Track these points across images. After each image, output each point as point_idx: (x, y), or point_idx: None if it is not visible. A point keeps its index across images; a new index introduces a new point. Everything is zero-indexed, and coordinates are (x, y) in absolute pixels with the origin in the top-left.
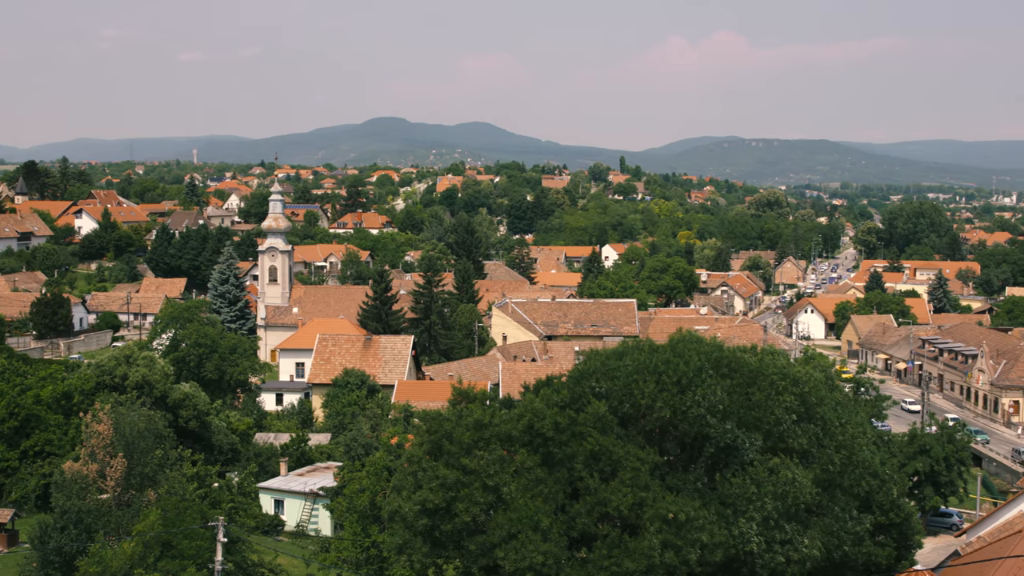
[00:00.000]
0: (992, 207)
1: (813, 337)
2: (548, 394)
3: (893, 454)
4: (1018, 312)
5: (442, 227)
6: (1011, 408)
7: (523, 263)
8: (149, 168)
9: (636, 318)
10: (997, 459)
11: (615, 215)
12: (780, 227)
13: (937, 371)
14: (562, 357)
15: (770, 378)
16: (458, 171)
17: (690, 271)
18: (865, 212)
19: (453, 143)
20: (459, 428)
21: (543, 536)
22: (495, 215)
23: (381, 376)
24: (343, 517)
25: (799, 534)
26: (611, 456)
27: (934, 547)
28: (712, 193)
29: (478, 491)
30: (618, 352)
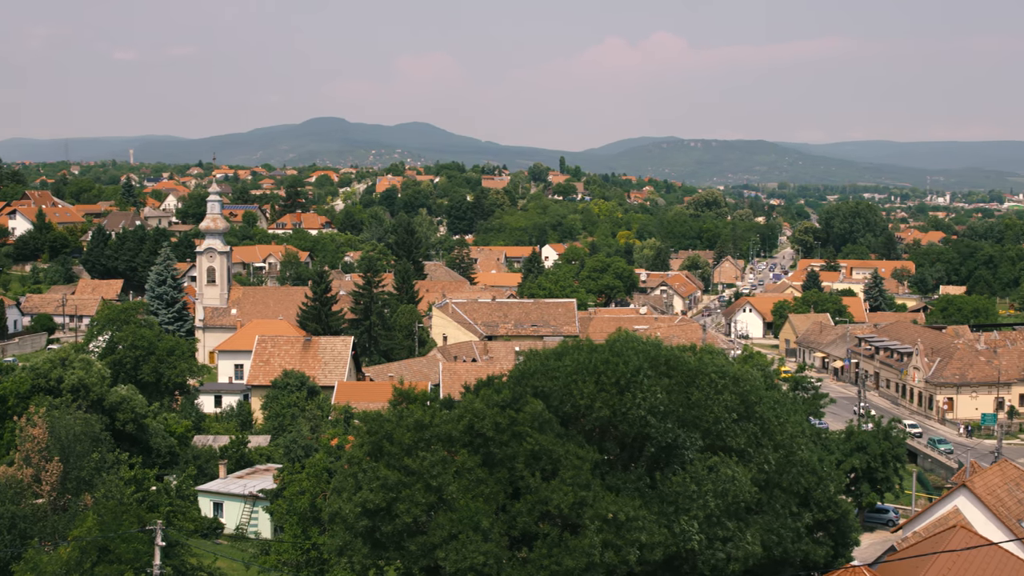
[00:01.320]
0: (926, 207)
1: (751, 336)
2: (488, 394)
3: (831, 451)
4: (952, 310)
5: (382, 228)
6: (945, 405)
7: (463, 263)
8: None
9: (576, 318)
10: (932, 455)
11: (555, 215)
12: (719, 227)
13: (873, 369)
14: (502, 357)
15: (710, 377)
16: (398, 171)
17: (629, 271)
18: (802, 212)
19: (393, 143)
20: (399, 429)
21: (484, 536)
22: (435, 215)
23: (321, 377)
24: (283, 519)
25: (739, 531)
26: (551, 456)
27: (871, 543)
28: (651, 193)
29: (419, 492)
30: (558, 352)
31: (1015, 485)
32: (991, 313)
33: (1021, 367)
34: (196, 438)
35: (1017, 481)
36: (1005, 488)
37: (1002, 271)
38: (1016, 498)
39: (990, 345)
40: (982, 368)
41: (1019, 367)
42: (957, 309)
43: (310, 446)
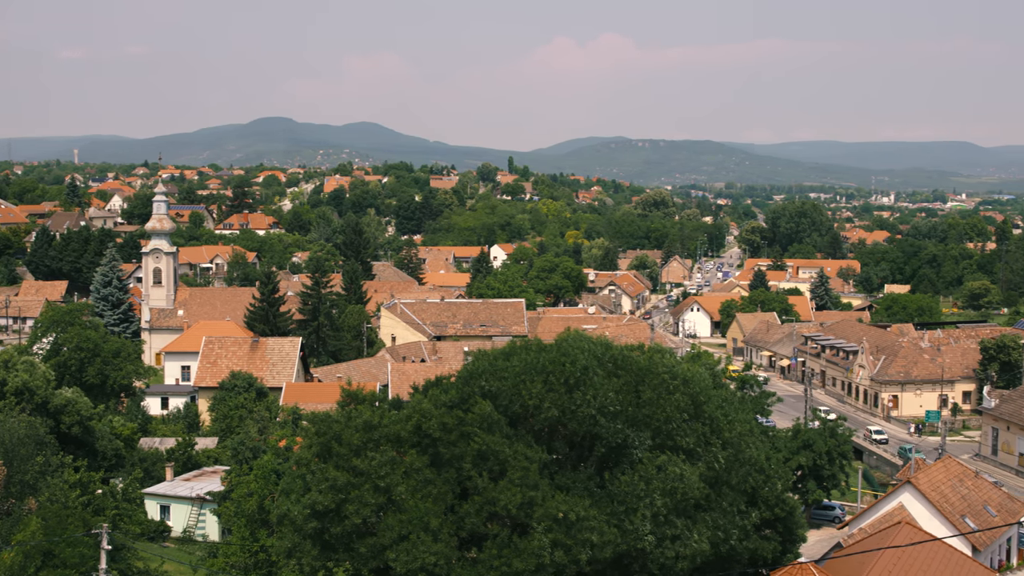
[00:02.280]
0: (871, 207)
1: (699, 335)
2: (436, 395)
3: (778, 449)
4: (896, 309)
5: (330, 228)
6: (890, 402)
7: (412, 264)
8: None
9: (525, 318)
10: (877, 452)
11: (503, 215)
12: (666, 227)
13: (819, 367)
14: (451, 357)
15: (660, 376)
16: (346, 171)
17: (578, 271)
18: (749, 212)
19: (340, 143)
20: (348, 430)
21: (433, 537)
22: (383, 216)
23: (269, 378)
24: (231, 522)
25: (688, 530)
26: (498, 456)
27: (817, 539)
28: (599, 193)
29: (368, 493)
30: (506, 352)
31: (958, 481)
32: (935, 311)
33: (964, 365)
34: (142, 441)
35: (960, 477)
36: (949, 484)
37: (945, 270)
38: (959, 494)
39: (934, 343)
40: (926, 366)
41: (962, 365)
42: (902, 308)
43: (258, 448)
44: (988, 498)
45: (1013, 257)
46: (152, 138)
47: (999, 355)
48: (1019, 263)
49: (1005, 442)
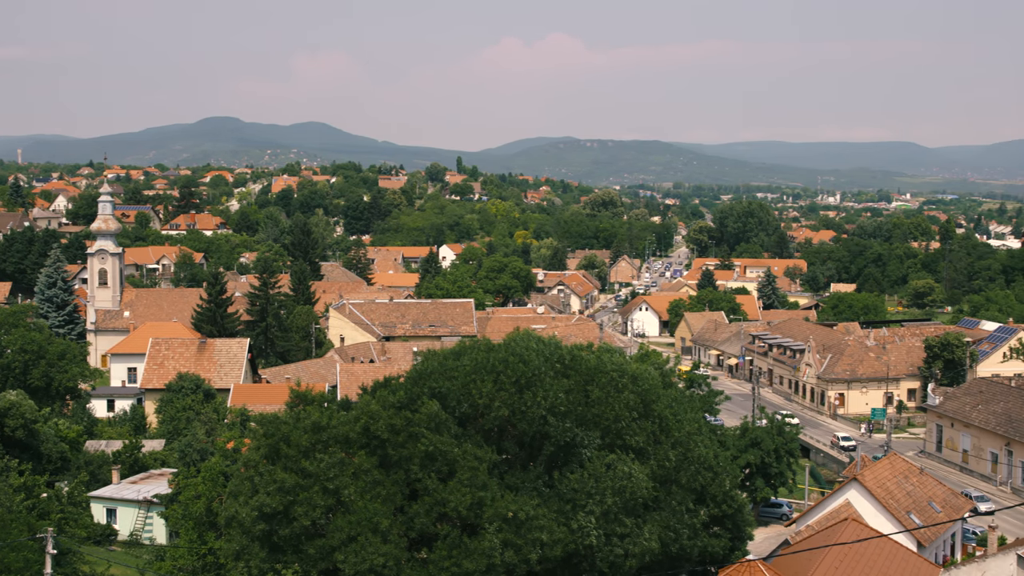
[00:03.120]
0: (817, 206)
1: (648, 335)
2: (385, 395)
3: (726, 448)
4: (843, 307)
5: (278, 228)
6: (837, 400)
7: (360, 264)
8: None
9: (474, 318)
10: (824, 450)
11: (452, 215)
12: (615, 226)
13: (767, 366)
14: (400, 358)
15: (609, 376)
16: (294, 171)
17: (527, 270)
18: (697, 211)
19: (288, 143)
20: (296, 431)
21: (382, 538)
22: (332, 216)
23: (217, 380)
24: (178, 524)
25: (637, 528)
26: (447, 456)
27: (765, 537)
28: (548, 193)
29: (317, 494)
30: (456, 352)
31: (904, 478)
32: (880, 310)
33: (909, 363)
34: (88, 443)
35: (906, 474)
36: (894, 481)
37: (890, 269)
38: (905, 490)
39: (879, 341)
40: (872, 364)
41: (907, 362)
42: (848, 306)
43: (206, 450)
44: (933, 494)
45: (956, 256)
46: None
47: (943, 353)
48: (962, 262)
49: (949, 439)
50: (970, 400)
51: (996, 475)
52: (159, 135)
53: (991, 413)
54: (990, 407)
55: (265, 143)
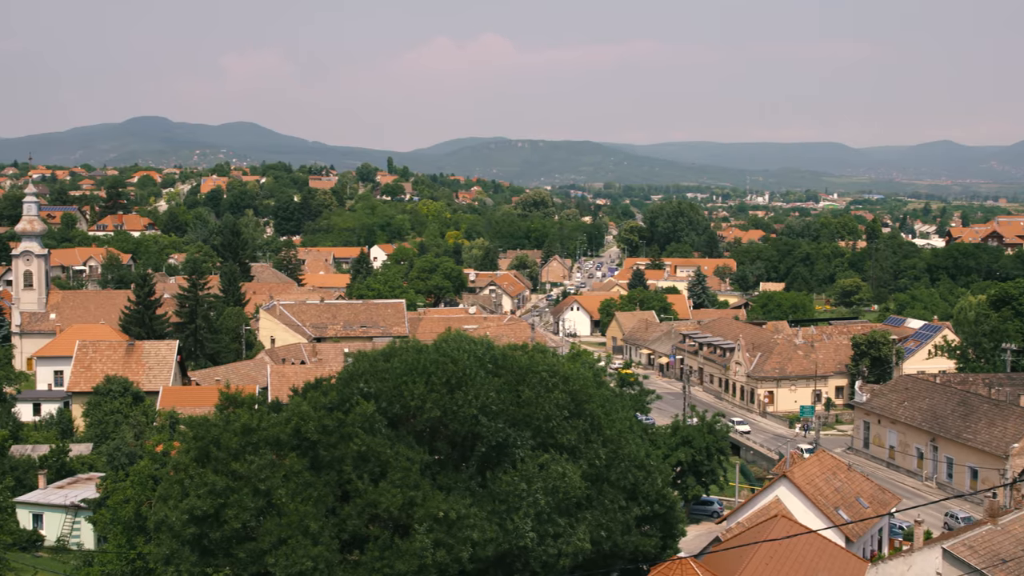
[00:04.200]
0: (747, 206)
1: (579, 334)
2: (316, 397)
3: (657, 446)
4: (772, 306)
5: (207, 229)
6: (766, 398)
7: (291, 265)
8: None
9: (405, 318)
10: (754, 447)
11: (383, 216)
12: (546, 226)
13: (697, 364)
14: (331, 359)
15: (540, 375)
16: (223, 172)
17: (458, 271)
18: (628, 211)
19: (217, 143)
20: (227, 433)
21: (313, 540)
22: (262, 216)
23: (145, 382)
24: (107, 529)
25: (570, 527)
26: (379, 457)
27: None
28: (479, 193)
29: (247, 497)
30: (387, 353)
31: (832, 474)
32: (808, 308)
33: (837, 360)
34: (13, 448)
35: (834, 470)
36: (823, 477)
37: (818, 268)
38: (833, 487)
39: (807, 339)
40: (800, 362)
41: (835, 360)
42: (776, 305)
43: (134, 453)
44: (860, 490)
45: (882, 255)
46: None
47: (870, 350)
48: (888, 261)
49: (876, 435)
50: (896, 397)
51: (922, 471)
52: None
53: (917, 409)
54: (916, 404)
55: (194, 143)
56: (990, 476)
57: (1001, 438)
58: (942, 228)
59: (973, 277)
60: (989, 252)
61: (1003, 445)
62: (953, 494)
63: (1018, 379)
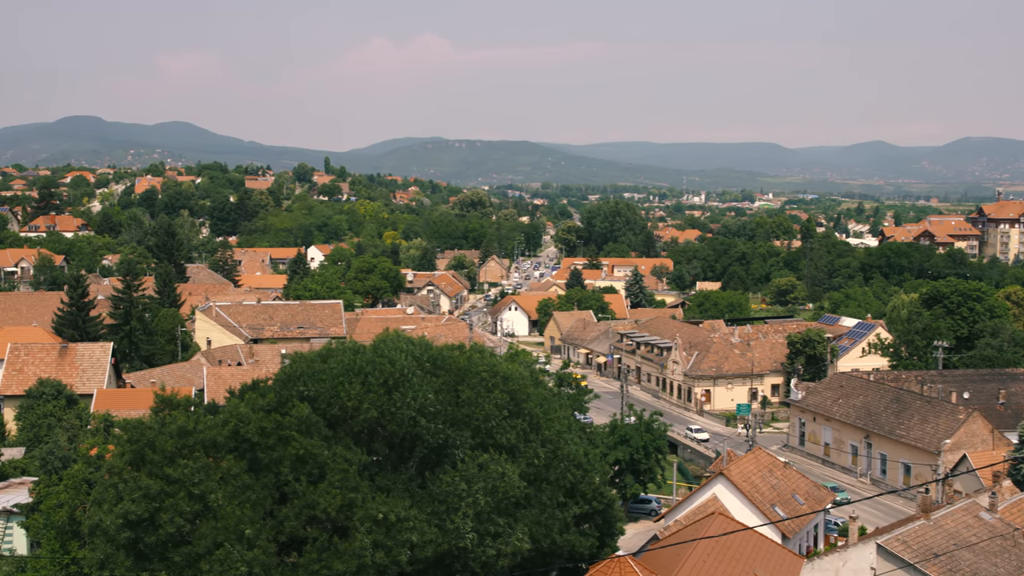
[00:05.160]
0: (683, 206)
1: (517, 334)
2: (253, 398)
3: (596, 445)
4: (708, 305)
5: (142, 230)
6: (703, 397)
7: (227, 266)
8: None
9: (343, 319)
10: (691, 445)
11: (320, 216)
12: (484, 227)
13: (635, 364)
14: (268, 360)
15: (479, 375)
16: (158, 172)
17: (396, 271)
18: (565, 211)
19: (152, 143)
20: (162, 436)
21: (249, 544)
22: (197, 217)
23: (79, 385)
24: (40, 534)
25: (509, 527)
26: (317, 459)
27: (635, 532)
28: (417, 193)
29: (183, 500)
30: (324, 354)
31: (768, 472)
32: (744, 307)
33: (773, 359)
34: None
35: (770, 468)
36: (759, 475)
37: (754, 267)
38: (769, 484)
39: (744, 338)
40: (737, 360)
41: (771, 359)
42: (713, 304)
43: (68, 457)
44: (796, 487)
45: (817, 255)
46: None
47: (805, 349)
48: (822, 260)
49: (812, 432)
50: (831, 394)
51: (856, 467)
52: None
53: (851, 407)
54: (850, 401)
55: (128, 143)
56: (923, 472)
57: (933, 434)
58: (875, 227)
59: (906, 276)
60: (921, 251)
61: (935, 441)
62: (887, 490)
63: (950, 376)
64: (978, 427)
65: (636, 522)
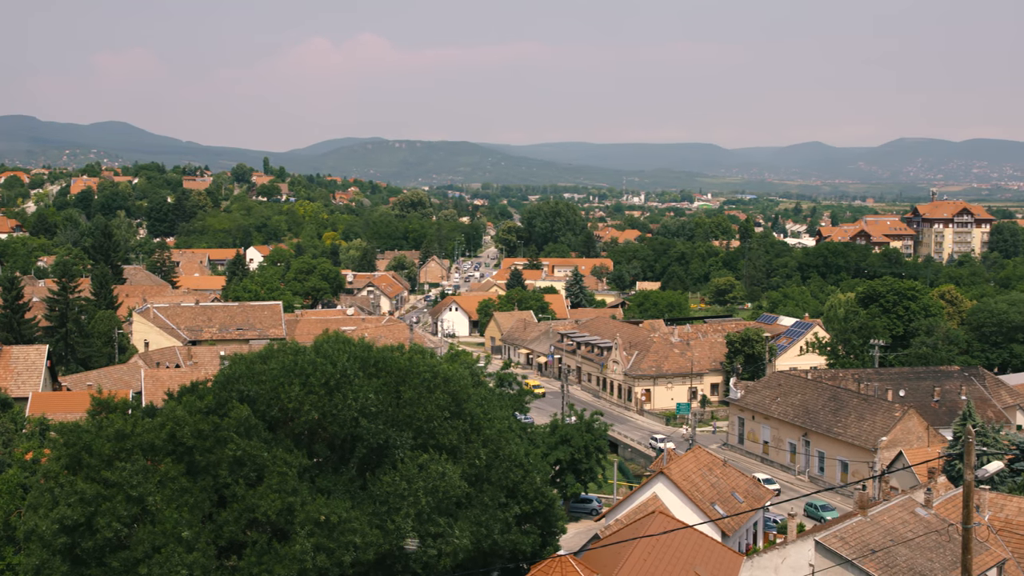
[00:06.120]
0: (623, 206)
1: (458, 335)
2: (191, 401)
3: (536, 445)
4: (648, 305)
5: (78, 231)
6: (643, 396)
7: (165, 267)
8: None
9: (282, 320)
10: (632, 445)
11: (259, 217)
12: (424, 227)
13: (575, 363)
14: (207, 362)
15: (420, 376)
16: (94, 172)
17: (336, 272)
18: (505, 212)
19: (88, 143)
20: (99, 440)
21: (188, 547)
22: (134, 218)
23: (13, 388)
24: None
25: (450, 527)
26: (256, 461)
27: (576, 532)
28: (357, 194)
29: (120, 504)
30: (264, 355)
31: (708, 470)
32: (684, 307)
33: (712, 358)
34: None
35: (710, 466)
36: (699, 473)
37: (693, 267)
38: (709, 482)
39: (683, 338)
40: (676, 360)
41: (710, 358)
42: (653, 304)
43: (3, 461)
44: (736, 485)
45: (755, 254)
46: None
47: (744, 348)
48: (761, 260)
49: (751, 431)
50: (769, 393)
51: (795, 465)
52: None
53: (789, 405)
54: (788, 399)
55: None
56: (860, 469)
57: (870, 432)
58: (812, 227)
59: (842, 275)
60: (857, 251)
61: (872, 439)
62: (825, 487)
63: (886, 374)
64: (913, 424)
65: (577, 522)
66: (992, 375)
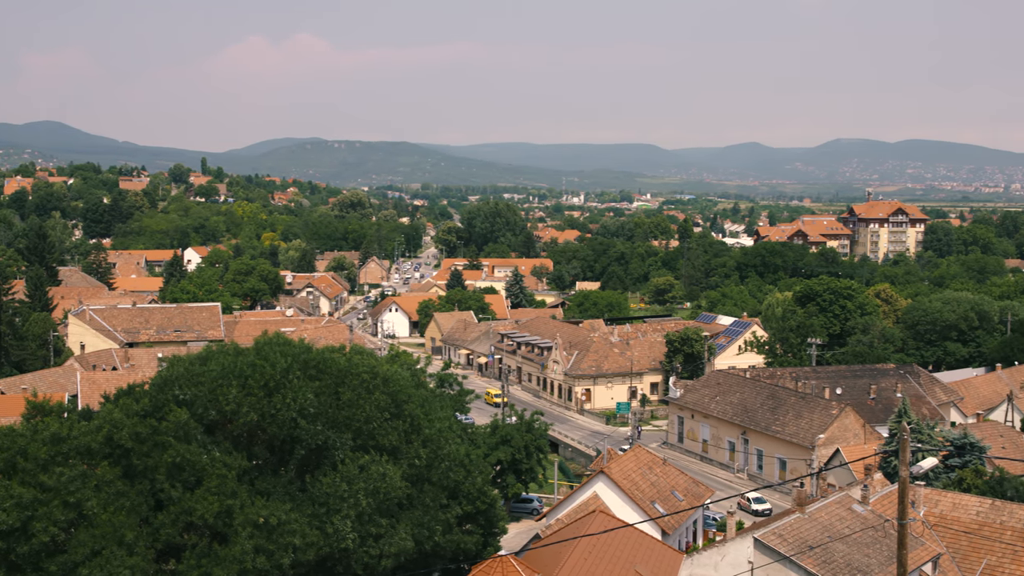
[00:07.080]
0: (562, 206)
1: (398, 335)
2: (128, 403)
3: (477, 445)
4: (588, 305)
5: (11, 232)
6: (583, 396)
7: (101, 268)
8: None
9: (221, 322)
10: (572, 444)
11: (197, 217)
12: (364, 228)
13: (516, 364)
14: (145, 364)
15: (360, 377)
16: (28, 172)
17: (275, 273)
18: (445, 212)
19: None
20: (34, 443)
21: (128, 551)
22: (70, 219)
23: None
24: None
25: (392, 528)
26: (195, 465)
27: (517, 532)
28: (296, 195)
29: (57, 508)
30: (202, 357)
31: (648, 469)
32: (623, 307)
33: (652, 357)
34: None
35: (650, 465)
36: (639, 472)
37: (633, 267)
38: (649, 481)
39: (623, 337)
40: (616, 359)
41: (650, 357)
42: (592, 304)
43: None
44: (676, 484)
45: (694, 254)
46: None
47: (683, 347)
48: (700, 260)
49: (690, 429)
50: (709, 392)
51: (734, 463)
52: None
53: (728, 404)
54: (727, 398)
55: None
56: (798, 466)
57: (808, 429)
58: (750, 227)
59: (780, 274)
60: (795, 250)
61: (810, 436)
62: (763, 485)
63: (823, 372)
64: (850, 422)
65: (518, 521)
66: (927, 373)
